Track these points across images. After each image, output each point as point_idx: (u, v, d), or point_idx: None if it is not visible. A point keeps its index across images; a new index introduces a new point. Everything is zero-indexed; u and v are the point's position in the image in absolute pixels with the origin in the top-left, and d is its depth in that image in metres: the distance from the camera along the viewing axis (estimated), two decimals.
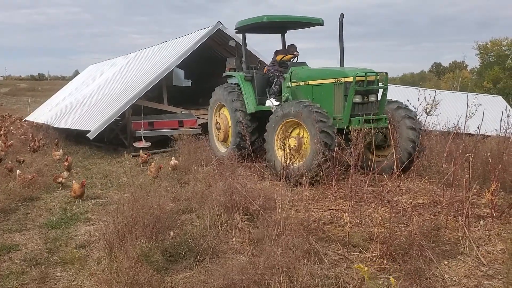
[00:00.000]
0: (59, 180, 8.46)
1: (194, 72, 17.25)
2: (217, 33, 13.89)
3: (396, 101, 8.38)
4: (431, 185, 7.09)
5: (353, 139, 6.41)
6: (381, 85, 8.02)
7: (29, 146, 12.02)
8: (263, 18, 9.05)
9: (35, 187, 8.13)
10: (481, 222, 5.43)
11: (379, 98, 8.06)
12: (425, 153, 8.19)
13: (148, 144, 12.57)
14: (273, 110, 8.63)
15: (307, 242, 4.59)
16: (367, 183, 7.01)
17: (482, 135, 10.20)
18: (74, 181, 7.62)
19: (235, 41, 13.59)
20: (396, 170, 7.24)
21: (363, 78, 7.66)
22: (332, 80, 8.04)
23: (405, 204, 6.19)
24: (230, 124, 9.91)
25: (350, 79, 7.62)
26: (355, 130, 6.49)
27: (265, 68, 10.12)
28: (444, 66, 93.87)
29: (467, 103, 6.22)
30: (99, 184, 8.80)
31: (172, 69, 13.63)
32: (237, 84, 9.91)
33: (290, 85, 8.91)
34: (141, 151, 11.07)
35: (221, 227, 5.37)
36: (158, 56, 15.50)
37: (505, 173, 6.19)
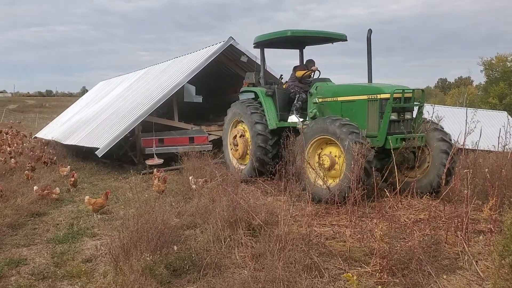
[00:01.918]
0: (53, 196, 8.58)
1: (204, 87, 17.14)
2: (228, 49, 13.79)
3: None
4: (433, 201, 7.15)
5: (355, 155, 6.46)
6: (418, 102, 7.82)
7: (28, 163, 11.89)
8: (287, 32, 8.94)
9: (43, 203, 8.28)
10: (481, 237, 5.50)
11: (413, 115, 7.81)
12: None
13: (161, 161, 12.36)
14: (298, 127, 8.48)
15: (308, 257, 4.68)
16: (371, 199, 7.05)
17: (486, 150, 10.28)
18: (87, 197, 7.71)
19: (247, 56, 13.59)
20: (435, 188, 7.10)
21: (400, 95, 7.41)
22: (365, 97, 7.76)
23: (406, 220, 6.26)
24: (249, 141, 9.69)
25: (387, 95, 7.39)
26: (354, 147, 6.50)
27: (285, 84, 10.06)
28: (449, 82, 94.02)
29: (466, 120, 6.32)
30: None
31: (183, 85, 13.52)
32: (253, 99, 9.90)
33: (318, 101, 8.66)
34: (155, 169, 10.73)
35: (224, 242, 5.46)
36: (169, 72, 15.41)
37: (505, 189, 6.25)
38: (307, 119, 8.89)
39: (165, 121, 14.36)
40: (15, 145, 16.82)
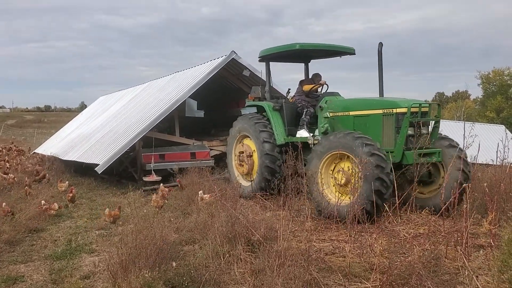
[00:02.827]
0: (51, 212, 8.55)
1: (206, 102, 16.98)
2: (230, 63, 13.67)
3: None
4: (432, 215, 7.13)
5: (353, 170, 6.48)
6: (435, 117, 7.70)
7: (25, 181, 11.77)
8: (295, 45, 8.87)
9: (41, 219, 8.24)
10: (481, 251, 5.48)
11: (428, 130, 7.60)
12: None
13: (159, 178, 12.12)
14: (309, 142, 8.40)
15: (308, 273, 4.65)
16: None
17: (484, 164, 10.30)
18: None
19: (249, 70, 13.45)
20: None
21: (417, 109, 7.30)
22: (380, 111, 7.63)
23: (405, 234, 6.24)
24: (256, 163, 9.55)
25: (403, 110, 7.27)
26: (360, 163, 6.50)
27: (292, 98, 9.96)
28: (447, 96, 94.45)
29: (464, 134, 6.34)
30: (104, 215, 8.87)
31: (185, 100, 13.31)
32: (257, 113, 9.87)
33: (329, 116, 8.53)
34: (161, 185, 10.32)
35: (223, 257, 5.43)
36: (170, 86, 15.24)
37: (504, 203, 6.25)
38: (315, 133, 8.81)
39: (166, 136, 14.17)
40: (14, 161, 16.78)
